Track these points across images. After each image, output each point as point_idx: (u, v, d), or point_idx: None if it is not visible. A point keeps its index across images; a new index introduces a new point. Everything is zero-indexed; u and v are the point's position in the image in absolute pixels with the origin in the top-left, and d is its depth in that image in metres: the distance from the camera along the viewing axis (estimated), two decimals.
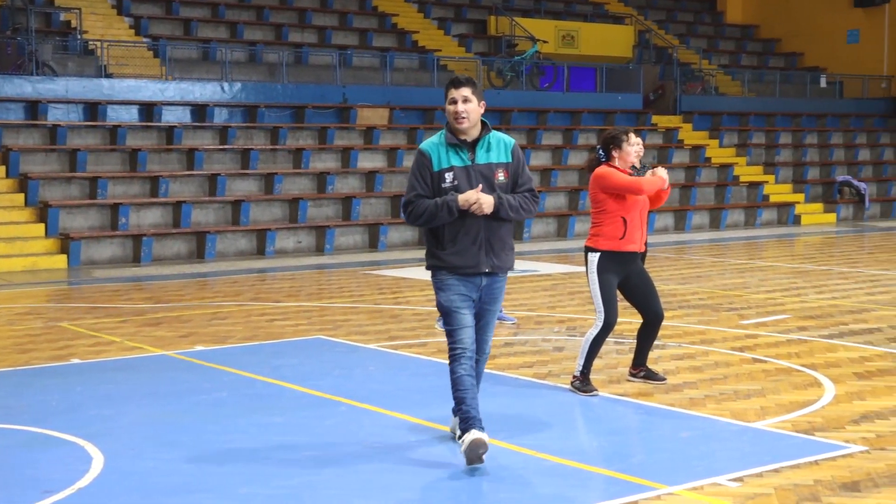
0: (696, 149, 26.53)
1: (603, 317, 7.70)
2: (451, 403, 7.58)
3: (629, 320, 10.15)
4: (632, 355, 8.33)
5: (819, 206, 26.57)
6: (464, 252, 6.05)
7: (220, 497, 5.52)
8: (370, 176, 21.07)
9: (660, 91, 28.99)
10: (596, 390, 7.79)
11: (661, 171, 7.90)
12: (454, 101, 5.98)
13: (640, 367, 8.19)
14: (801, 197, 26.44)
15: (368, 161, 21.88)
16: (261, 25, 25.64)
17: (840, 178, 27.21)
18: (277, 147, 20.93)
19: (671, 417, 7.14)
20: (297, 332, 10.75)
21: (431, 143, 6.11)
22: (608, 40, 30.33)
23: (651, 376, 8.14)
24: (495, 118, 24.25)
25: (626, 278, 7.80)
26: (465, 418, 5.98)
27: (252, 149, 20.43)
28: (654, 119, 27.33)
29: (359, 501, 5.47)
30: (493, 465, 6.02)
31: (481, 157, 6.05)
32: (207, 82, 21.92)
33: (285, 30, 25.62)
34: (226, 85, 21.95)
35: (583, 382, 7.82)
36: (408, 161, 22.12)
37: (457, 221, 5.99)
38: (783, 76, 32.24)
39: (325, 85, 23.31)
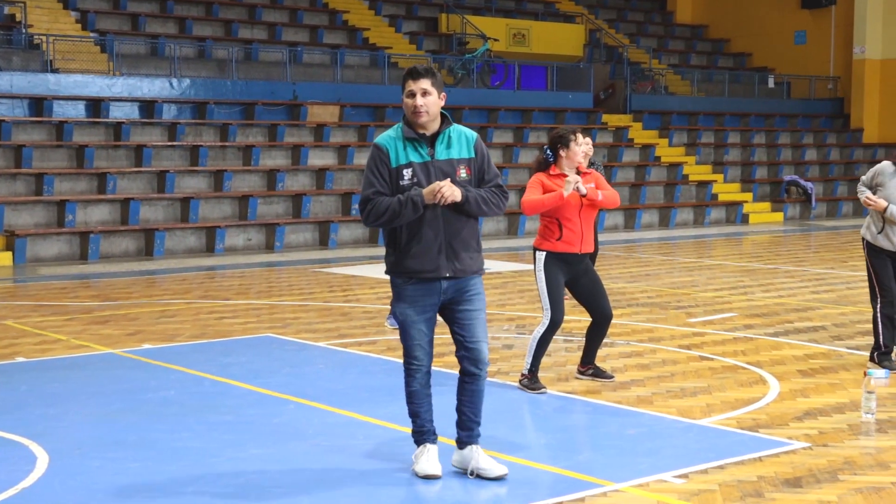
0: (646, 148, 26.72)
1: (549, 315, 7.74)
2: (401, 401, 7.59)
3: (578, 318, 10.20)
4: (580, 353, 8.38)
5: (767, 205, 26.85)
6: (422, 255, 5.63)
7: (167, 496, 5.48)
8: (321, 173, 21.01)
9: (610, 90, 29.16)
10: (544, 388, 7.82)
11: (572, 181, 7.68)
12: (412, 94, 5.59)
13: (588, 365, 8.24)
14: (749, 196, 26.71)
15: (319, 158, 21.81)
16: (210, 21, 25.47)
17: (787, 177, 27.52)
18: (227, 144, 20.80)
19: (618, 415, 7.19)
20: (246, 330, 10.70)
21: (388, 137, 5.70)
22: (559, 39, 30.46)
23: (599, 374, 8.19)
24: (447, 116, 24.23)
25: (574, 278, 7.84)
26: (420, 431, 5.83)
27: (201, 146, 20.29)
28: (605, 118, 27.49)
29: (306, 499, 5.46)
30: (440, 461, 6.03)
31: (441, 153, 5.65)
32: (156, 78, 21.74)
33: (235, 26, 25.47)
34: (174, 81, 21.79)
35: (531, 380, 7.85)
36: (359, 158, 22.09)
37: (415, 221, 5.58)
38: (732, 76, 32.55)
39: (276, 82, 23.22)
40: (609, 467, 5.95)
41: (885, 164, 8.58)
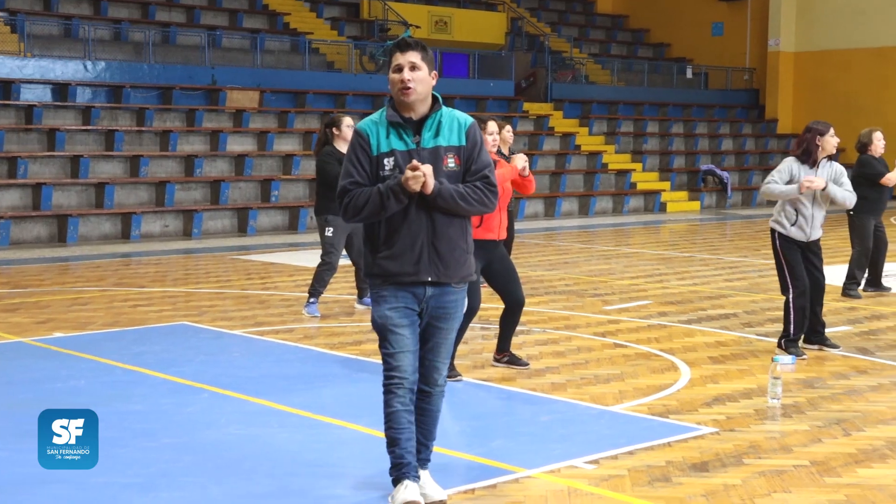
0: (567, 136, 26.90)
1: (466, 302, 7.76)
2: (316, 389, 7.58)
3: (496, 306, 10.25)
4: (496, 341, 8.43)
5: (684, 194, 27.21)
6: (401, 256, 5.00)
7: (75, 487, 5.40)
8: (239, 159, 20.81)
9: (531, 78, 29.29)
10: (460, 375, 7.85)
11: (519, 159, 7.89)
12: (399, 68, 4.98)
13: (503, 353, 8.29)
14: (667, 185, 27.04)
15: (238, 144, 21.60)
16: (126, 3, 25.02)
17: (704, 167, 27.91)
18: (143, 129, 20.50)
19: (532, 402, 7.25)
20: (161, 318, 10.58)
21: (370, 121, 5.10)
22: (481, 27, 30.52)
23: (514, 361, 8.25)
24: (367, 103, 24.20)
25: (488, 264, 7.88)
26: (398, 464, 5.07)
27: (117, 130, 19.96)
28: (526, 106, 27.61)
29: (216, 489, 5.43)
30: (355, 449, 6.03)
31: (428, 140, 5.00)
32: (69, 60, 21.32)
33: (152, 8, 25.09)
34: (89, 64, 21.40)
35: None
36: (279, 145, 21.95)
37: (396, 217, 4.97)
38: (651, 66, 32.90)
39: (194, 66, 22.92)
40: (522, 454, 5.99)
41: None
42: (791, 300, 8.70)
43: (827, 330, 9.25)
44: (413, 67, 4.99)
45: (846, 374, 8.15)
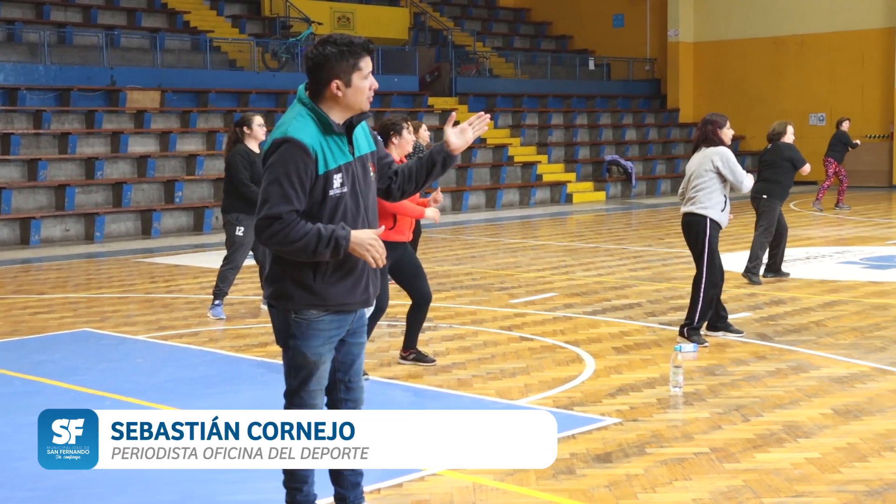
0: None
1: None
2: (221, 393, 7.50)
3: (404, 303, 10.26)
4: (403, 338, 8.43)
5: (589, 184, 27.49)
6: (351, 284, 4.54)
7: None
8: (142, 161, 20.49)
9: (435, 73, 29.33)
10: (366, 374, 7.84)
11: (436, 214, 8.03)
12: (371, 75, 4.51)
13: (410, 350, 8.30)
14: (572, 176, 27.29)
15: (140, 145, 21.27)
16: (20, 3, 24.47)
17: (608, 157, 28.23)
18: (41, 131, 20.07)
19: (439, 398, 7.28)
20: (62, 325, 10.38)
21: (309, 133, 4.38)
22: (384, 22, 30.48)
23: (421, 358, 8.26)
24: (271, 101, 24.03)
25: (395, 263, 7.89)
26: (303, 502, 4.78)
27: (13, 133, 19.51)
28: (431, 101, 27.65)
29: (118, 500, 5.35)
30: None
31: (357, 149, 4.54)
32: None
33: (47, 8, 24.57)
34: None
35: None
36: (182, 145, 21.66)
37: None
38: (554, 59, 33.16)
39: (92, 67, 22.50)
40: None
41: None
42: (704, 289, 8.83)
43: (730, 317, 9.42)
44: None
45: (746, 360, 8.32)
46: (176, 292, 12.50)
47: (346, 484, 4.83)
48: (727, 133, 8.96)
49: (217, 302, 10.50)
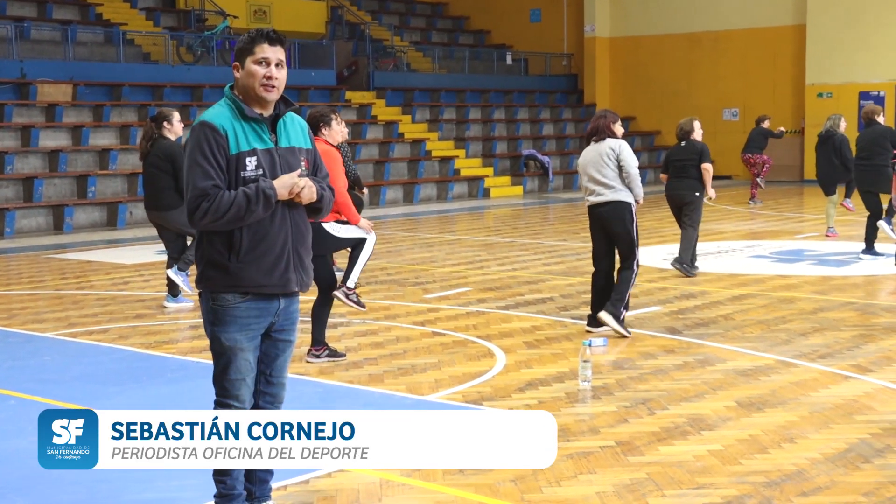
0: (390, 124, 26.99)
1: None
2: (130, 390, 7.43)
3: (308, 299, 10.22)
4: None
5: (507, 179, 27.65)
6: (268, 265, 4.59)
7: None
8: (53, 155, 20.16)
9: (353, 67, 29.27)
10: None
11: (365, 223, 8.36)
12: (265, 62, 4.59)
13: (321, 346, 8.28)
14: (490, 171, 27.42)
15: (51, 139, 20.90)
16: None
17: (525, 152, 28.42)
18: None
19: (349, 395, 7.28)
20: None
21: (222, 116, 4.60)
22: (300, 16, 30.31)
23: (331, 354, 8.26)
24: (186, 95, 23.76)
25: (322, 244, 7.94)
26: (228, 495, 4.75)
27: None
28: (348, 95, 27.57)
29: (22, 501, 5.28)
30: None
31: (283, 140, 4.68)
32: None
33: None
34: None
35: None
36: (94, 139, 21.33)
37: (263, 220, 4.57)
38: (472, 53, 33.28)
39: (1, 59, 22.04)
40: None
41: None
42: (636, 271, 9.02)
43: (639, 311, 9.59)
44: (279, 65, 4.62)
45: (655, 354, 8.45)
46: (87, 289, 12.33)
47: (255, 479, 4.86)
48: (619, 128, 9.15)
49: (176, 295, 10.65)
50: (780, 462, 5.75)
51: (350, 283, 8.39)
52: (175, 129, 10.27)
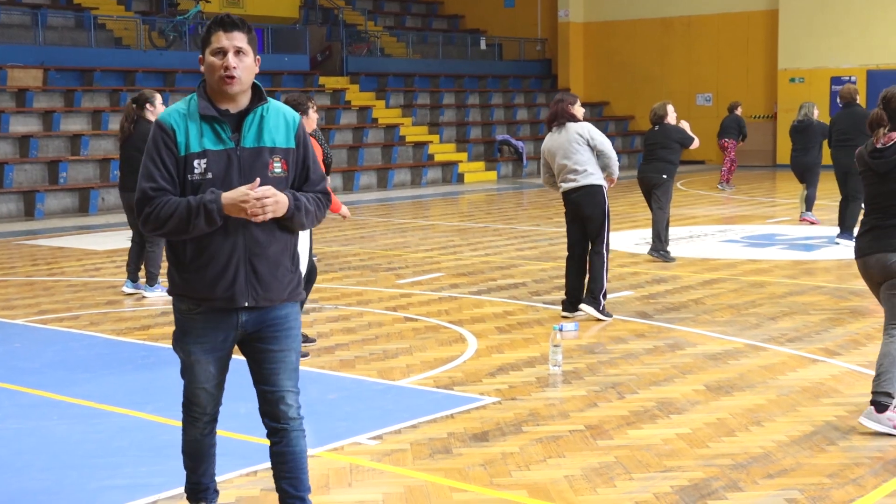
0: (363, 110, 26.93)
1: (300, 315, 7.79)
2: (100, 377, 7.42)
3: None
4: None
5: (481, 164, 27.66)
6: (212, 276, 4.20)
7: None
8: (24, 141, 20.01)
9: (327, 52, 29.17)
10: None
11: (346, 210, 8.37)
12: (222, 52, 4.18)
13: None
14: (464, 156, 27.42)
15: (22, 125, 20.76)
16: None
17: (499, 137, 28.42)
18: None
19: (320, 380, 7.28)
20: None
21: (176, 113, 4.22)
22: (274, 1, 30.16)
23: (303, 339, 8.25)
24: (159, 80, 23.62)
25: None
26: (196, 489, 4.66)
27: None
28: (322, 80, 27.49)
29: None
30: (137, 437, 5.95)
31: (249, 139, 4.20)
32: None
33: None
34: None
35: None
36: (66, 125, 21.20)
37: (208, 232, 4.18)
38: (446, 38, 33.23)
39: None
40: (307, 433, 5.99)
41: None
42: (607, 256, 9.08)
43: (611, 296, 9.63)
44: (238, 52, 4.19)
45: (625, 338, 8.49)
46: (58, 275, 12.27)
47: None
48: (578, 109, 9.18)
49: (153, 284, 10.55)
50: (746, 445, 5.79)
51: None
52: (157, 111, 10.25)
